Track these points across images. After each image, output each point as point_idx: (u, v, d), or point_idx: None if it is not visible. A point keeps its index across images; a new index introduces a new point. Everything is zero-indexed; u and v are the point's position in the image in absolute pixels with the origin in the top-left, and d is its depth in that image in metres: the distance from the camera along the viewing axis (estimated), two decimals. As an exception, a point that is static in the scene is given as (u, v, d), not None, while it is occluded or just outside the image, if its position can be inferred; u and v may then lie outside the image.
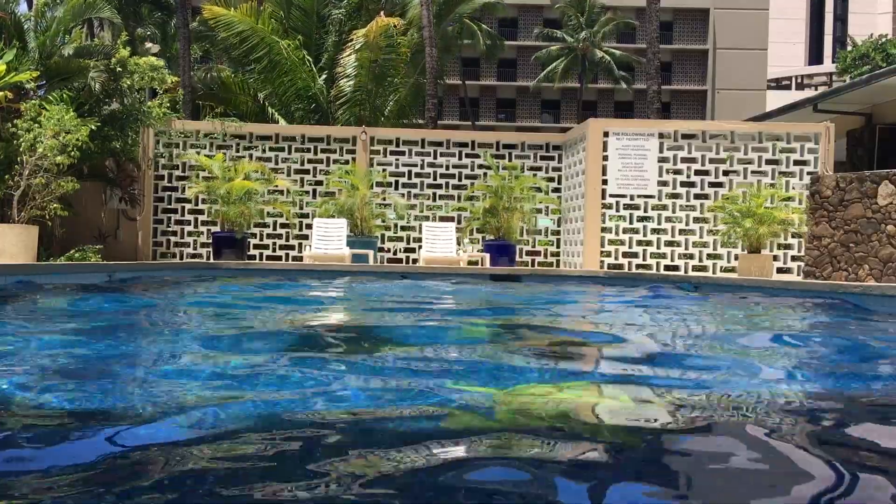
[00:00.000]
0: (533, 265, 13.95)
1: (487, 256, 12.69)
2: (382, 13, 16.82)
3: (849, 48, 35.34)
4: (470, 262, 12.89)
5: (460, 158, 14.22)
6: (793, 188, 12.49)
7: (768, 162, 12.73)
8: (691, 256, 12.77)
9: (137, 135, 12.97)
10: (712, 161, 12.80)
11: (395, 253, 14.05)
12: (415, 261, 13.61)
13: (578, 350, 4.63)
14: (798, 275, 11.87)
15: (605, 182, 12.75)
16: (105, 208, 13.66)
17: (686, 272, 12.47)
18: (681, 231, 12.80)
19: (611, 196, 12.78)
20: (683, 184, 12.81)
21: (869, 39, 33.54)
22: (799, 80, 47.53)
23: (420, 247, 13.47)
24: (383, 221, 13.85)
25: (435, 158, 14.21)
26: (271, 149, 14.12)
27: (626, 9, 39.29)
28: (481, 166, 14.07)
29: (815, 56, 48.45)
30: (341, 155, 14.16)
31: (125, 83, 12.59)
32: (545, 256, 14.19)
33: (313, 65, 17.78)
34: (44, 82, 12.35)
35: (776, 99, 35.28)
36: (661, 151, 12.81)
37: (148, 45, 22.30)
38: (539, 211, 14.04)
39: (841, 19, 48.26)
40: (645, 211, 12.81)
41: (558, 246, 14.22)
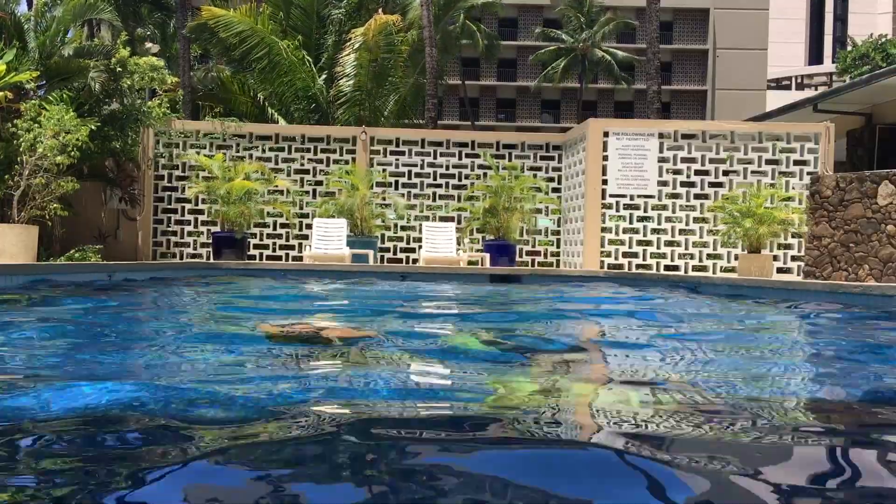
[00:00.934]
0: (533, 265, 13.96)
1: (487, 256, 12.70)
2: (381, 11, 16.83)
3: (849, 48, 35.36)
4: (470, 262, 12.90)
5: (460, 158, 14.22)
6: (793, 188, 12.50)
7: (768, 162, 12.74)
8: (691, 256, 12.78)
9: (137, 135, 12.98)
10: (712, 161, 12.81)
11: (395, 253, 14.06)
12: (415, 261, 13.61)
13: (582, 351, 4.63)
14: (798, 275, 11.87)
15: (605, 182, 12.76)
16: (105, 208, 13.67)
17: (686, 272, 12.47)
18: (681, 231, 12.81)
19: (611, 196, 12.79)
20: (683, 184, 12.82)
21: (869, 39, 33.56)
22: (799, 81, 47.55)
23: (420, 247, 13.48)
24: (383, 221, 13.85)
25: (435, 158, 14.22)
26: (271, 149, 14.13)
27: (626, 9, 39.31)
28: (481, 166, 14.07)
29: (815, 56, 48.48)
30: (341, 155, 14.16)
31: (125, 83, 12.61)
32: (545, 256, 14.20)
33: (313, 65, 17.80)
34: (44, 82, 12.36)
35: (776, 99, 35.29)
36: (661, 151, 12.82)
37: (148, 46, 22.34)
38: (539, 211, 14.05)
39: (841, 19, 48.30)
40: (645, 211, 12.82)
41: (558, 246, 14.23)
